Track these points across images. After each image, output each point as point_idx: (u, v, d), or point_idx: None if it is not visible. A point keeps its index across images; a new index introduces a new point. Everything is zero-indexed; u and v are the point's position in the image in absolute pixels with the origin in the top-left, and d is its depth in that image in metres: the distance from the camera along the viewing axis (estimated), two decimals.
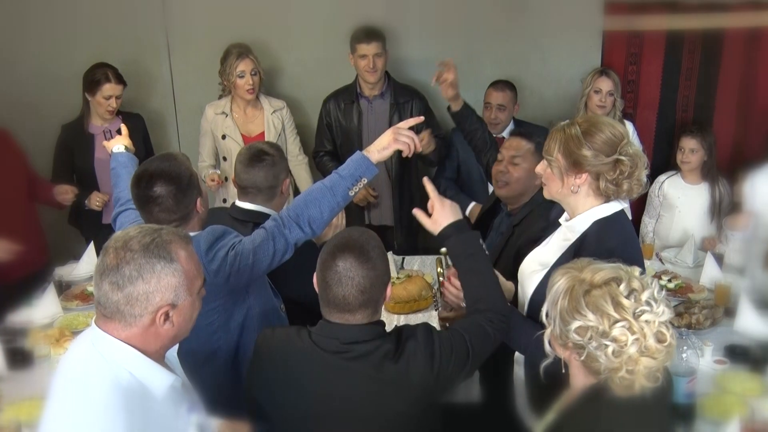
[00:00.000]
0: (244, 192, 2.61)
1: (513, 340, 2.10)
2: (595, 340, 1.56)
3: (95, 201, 3.72)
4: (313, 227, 2.19)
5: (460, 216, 2.13)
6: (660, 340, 1.55)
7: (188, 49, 4.23)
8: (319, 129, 4.00)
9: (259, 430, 1.91)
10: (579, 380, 1.66)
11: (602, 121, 2.12)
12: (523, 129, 3.38)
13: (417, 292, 3.12)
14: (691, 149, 3.74)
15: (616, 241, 2.04)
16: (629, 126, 3.95)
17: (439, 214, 2.12)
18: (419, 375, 1.81)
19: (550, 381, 1.77)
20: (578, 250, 2.09)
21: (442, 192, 2.47)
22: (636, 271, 1.64)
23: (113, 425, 1.48)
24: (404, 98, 3.88)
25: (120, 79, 3.71)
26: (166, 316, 1.57)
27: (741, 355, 2.66)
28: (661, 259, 3.62)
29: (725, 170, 3.82)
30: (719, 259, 3.42)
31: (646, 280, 1.62)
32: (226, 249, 2.14)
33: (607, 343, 1.55)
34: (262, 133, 3.91)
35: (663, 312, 1.57)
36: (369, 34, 3.80)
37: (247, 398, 1.99)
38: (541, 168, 2.18)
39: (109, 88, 3.67)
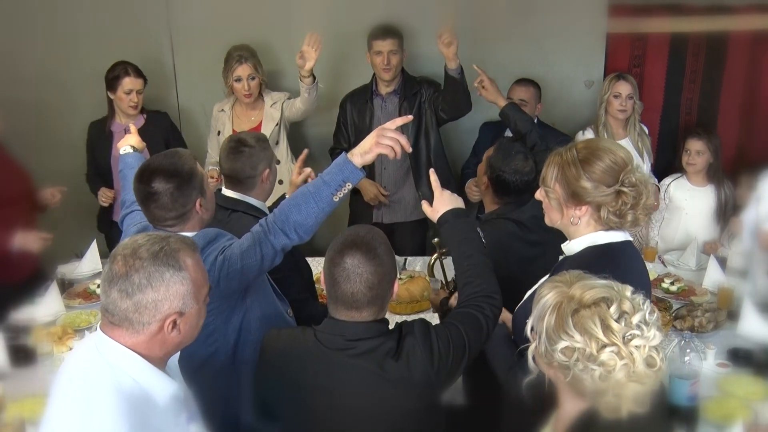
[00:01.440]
0: (227, 180, 2.70)
1: (488, 355, 2.08)
2: (582, 363, 1.46)
3: (102, 197, 3.81)
4: (299, 233, 2.14)
5: (459, 205, 2.17)
6: (650, 364, 1.47)
7: (192, 50, 4.23)
8: (337, 127, 4.02)
9: (267, 430, 1.91)
10: (567, 401, 1.58)
11: (602, 148, 1.98)
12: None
13: (419, 293, 3.13)
14: (697, 151, 3.73)
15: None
16: (646, 130, 3.94)
17: (439, 202, 2.17)
18: (420, 371, 1.82)
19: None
20: (554, 273, 1.98)
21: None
22: (627, 290, 1.54)
23: (115, 430, 1.48)
24: (413, 90, 3.88)
25: (139, 74, 3.76)
26: (174, 324, 1.57)
27: (744, 358, 2.66)
28: (663, 262, 3.62)
29: (728, 173, 3.82)
30: (722, 262, 3.42)
31: (637, 300, 1.52)
32: (215, 254, 2.13)
33: (594, 367, 1.45)
34: (255, 129, 3.89)
35: (654, 336, 1.49)
36: (385, 31, 3.80)
37: (254, 398, 1.99)
38: (539, 195, 2.08)
39: (129, 82, 3.73)
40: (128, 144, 2.81)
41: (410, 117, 2.38)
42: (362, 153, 2.14)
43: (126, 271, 1.54)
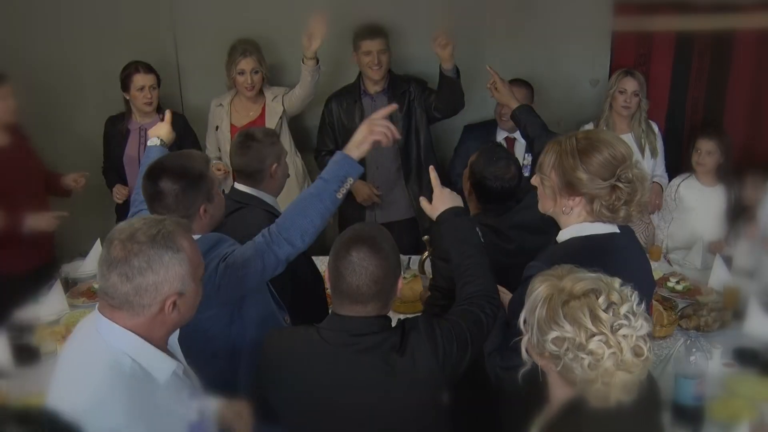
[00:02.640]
0: (237, 175, 2.73)
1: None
2: (572, 352, 1.51)
3: (116, 194, 3.83)
4: (305, 239, 2.16)
5: (458, 203, 2.18)
6: (637, 354, 1.52)
7: (195, 47, 4.23)
8: (322, 128, 3.99)
9: (270, 430, 1.91)
10: (557, 390, 1.62)
11: (602, 140, 1.96)
12: None
13: (423, 292, 3.13)
14: (707, 151, 3.70)
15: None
16: (655, 127, 3.92)
17: (438, 200, 2.18)
18: (425, 365, 1.83)
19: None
20: (538, 259, 1.97)
21: (453, 187, 2.45)
22: (616, 282, 1.57)
23: (114, 409, 1.51)
24: (401, 88, 3.87)
25: (149, 69, 3.78)
26: (174, 305, 1.61)
27: (750, 358, 2.64)
28: (669, 261, 3.61)
29: (734, 172, 3.79)
30: (728, 261, 3.40)
31: (626, 292, 1.57)
32: (216, 260, 2.13)
33: (584, 356, 1.50)
34: (252, 123, 3.90)
35: (641, 326, 1.54)
36: (373, 30, 3.80)
37: (256, 399, 1.99)
38: (535, 181, 2.08)
39: (140, 79, 3.75)
40: (158, 135, 2.80)
41: (394, 106, 2.44)
42: (357, 145, 2.20)
43: (125, 255, 1.56)
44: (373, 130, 2.20)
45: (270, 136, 2.74)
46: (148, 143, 2.82)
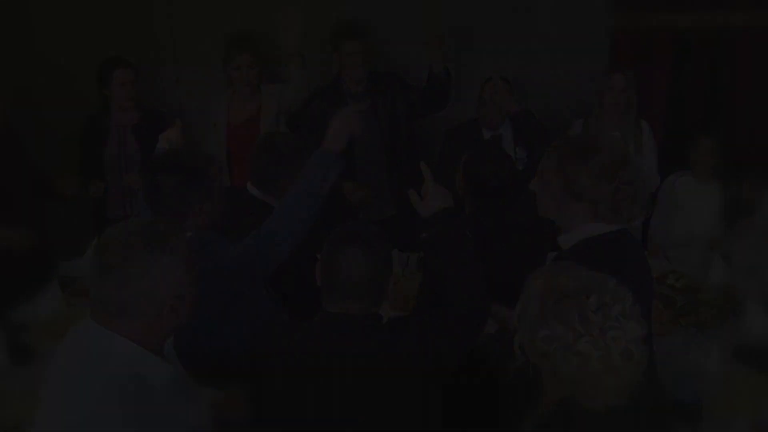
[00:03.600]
0: (252, 176, 2.71)
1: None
2: (561, 352, 1.50)
3: (91, 188, 3.75)
4: (294, 237, 2.17)
5: (450, 203, 2.13)
6: (627, 357, 1.49)
7: (194, 48, 4.22)
8: (303, 129, 3.91)
9: (264, 427, 1.91)
10: (550, 388, 1.61)
11: (601, 143, 1.97)
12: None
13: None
14: (708, 149, 3.69)
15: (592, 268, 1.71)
16: (645, 126, 3.90)
17: (431, 197, 2.12)
18: (416, 363, 1.82)
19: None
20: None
21: None
22: (610, 282, 1.56)
23: (111, 417, 1.48)
24: (381, 86, 3.86)
25: (128, 64, 3.74)
26: (172, 308, 1.57)
27: (749, 354, 2.64)
28: (668, 258, 3.60)
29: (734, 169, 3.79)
30: (727, 258, 3.39)
31: (620, 293, 1.54)
32: (210, 261, 2.09)
33: (572, 356, 1.49)
34: (249, 120, 3.88)
35: (633, 329, 1.51)
36: (356, 30, 3.80)
37: (250, 401, 1.98)
38: (535, 186, 2.07)
39: (122, 74, 3.70)
40: (167, 140, 2.73)
41: (365, 103, 2.50)
42: (335, 138, 2.23)
43: (120, 261, 1.51)
44: (346, 121, 2.25)
45: (296, 147, 2.73)
46: (158, 147, 2.79)
